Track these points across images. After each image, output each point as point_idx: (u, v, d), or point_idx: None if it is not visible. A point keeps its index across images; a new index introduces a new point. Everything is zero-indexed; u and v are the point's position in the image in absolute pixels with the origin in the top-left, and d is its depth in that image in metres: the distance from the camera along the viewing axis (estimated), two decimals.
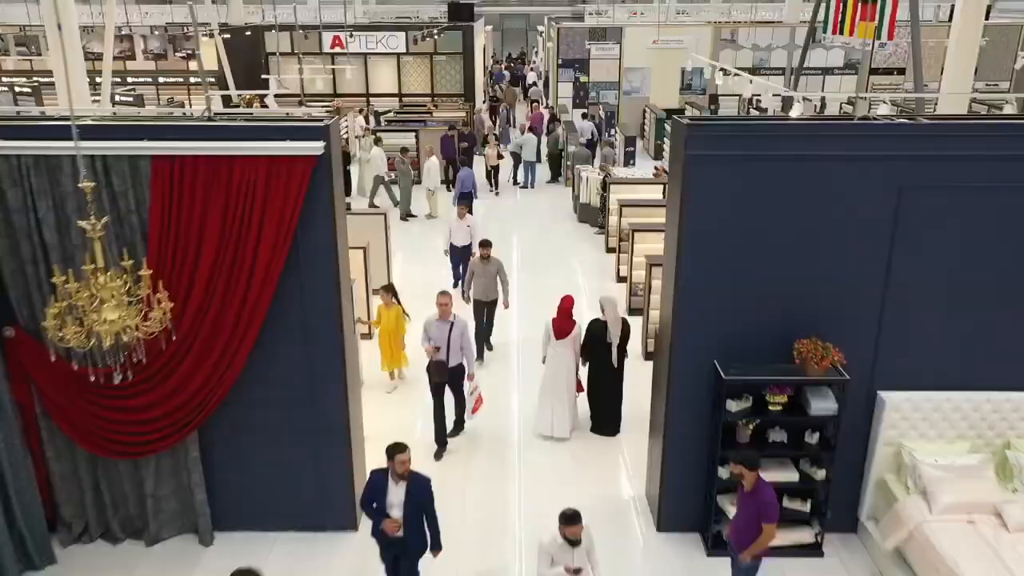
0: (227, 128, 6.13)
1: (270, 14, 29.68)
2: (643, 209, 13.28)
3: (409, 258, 14.97)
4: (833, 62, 26.57)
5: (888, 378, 6.65)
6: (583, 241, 16.03)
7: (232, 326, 6.42)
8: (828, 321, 6.49)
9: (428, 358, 8.56)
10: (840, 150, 6.12)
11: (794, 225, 6.32)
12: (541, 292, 13.09)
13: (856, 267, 6.41)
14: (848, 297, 6.49)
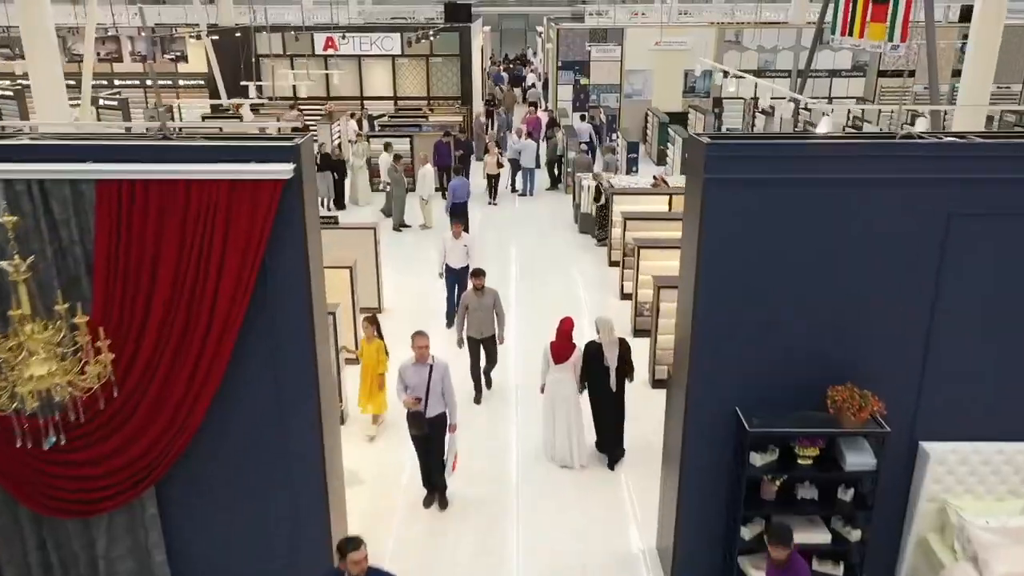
0: (184, 148, 5.38)
1: (261, 15, 28.97)
2: (648, 222, 12.54)
3: (403, 272, 14.21)
4: (841, 64, 25.85)
5: (931, 427, 5.91)
6: (584, 252, 15.29)
7: (192, 370, 5.67)
8: (864, 363, 5.76)
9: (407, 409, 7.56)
10: (881, 173, 5.38)
11: (827, 256, 5.58)
12: (540, 310, 12.39)
13: (897, 304, 5.67)
14: (887, 337, 5.75)
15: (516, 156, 19.21)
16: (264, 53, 25.55)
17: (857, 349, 5.76)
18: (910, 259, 5.57)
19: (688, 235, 5.89)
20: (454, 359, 9.56)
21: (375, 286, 12.04)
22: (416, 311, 12.37)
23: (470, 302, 9.67)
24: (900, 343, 5.76)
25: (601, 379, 8.44)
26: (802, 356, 5.80)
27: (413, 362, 7.48)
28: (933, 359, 5.76)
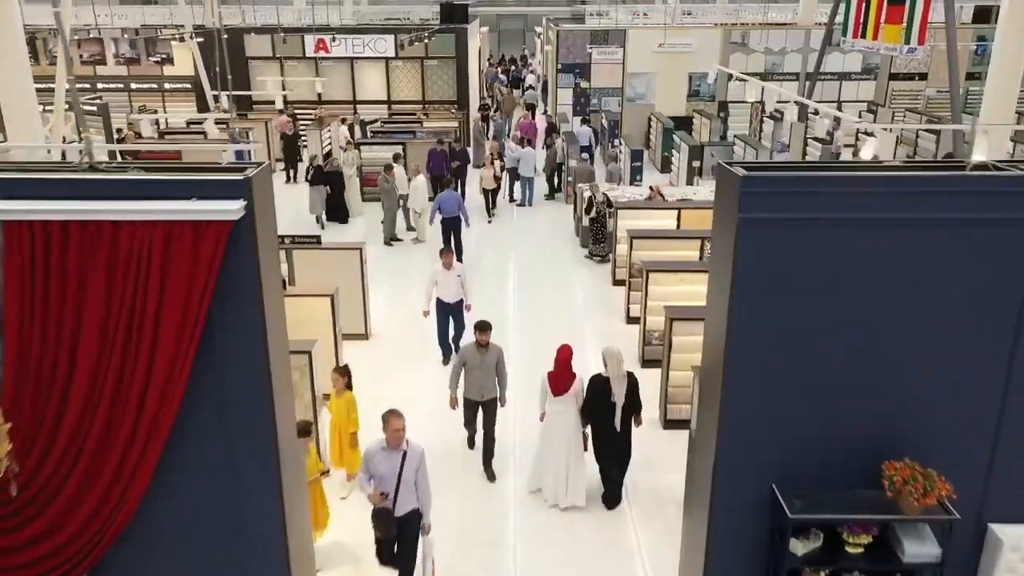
0: (112, 183, 4.47)
1: (251, 15, 28.06)
2: (656, 241, 11.63)
3: (393, 292, 13.30)
4: (851, 67, 24.95)
5: (1003, 507, 5.02)
6: (586, 269, 14.37)
7: (128, 440, 4.77)
8: (925, 434, 4.86)
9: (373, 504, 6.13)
10: (951, 212, 4.47)
11: (883, 309, 4.68)
12: (540, 335, 11.49)
13: (965, 365, 4.77)
14: (953, 403, 4.85)
15: (515, 164, 18.30)
16: (253, 55, 24.64)
17: (917, 417, 4.86)
18: (982, 314, 4.66)
19: (717, 280, 4.99)
20: (443, 418, 8.80)
21: (361, 310, 11.13)
22: (406, 337, 11.46)
23: (470, 359, 8.15)
24: (968, 410, 4.86)
25: (606, 416, 7.64)
26: (851, 424, 4.90)
27: (383, 446, 6.05)
28: (1007, 431, 4.86)
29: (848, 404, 4.88)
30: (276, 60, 24.70)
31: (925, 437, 4.84)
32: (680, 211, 12.93)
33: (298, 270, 10.92)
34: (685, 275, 10.07)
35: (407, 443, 6.03)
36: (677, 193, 15.23)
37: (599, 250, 14.55)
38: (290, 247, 10.89)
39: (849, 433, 4.90)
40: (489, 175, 16.51)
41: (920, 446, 4.81)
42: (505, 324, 11.91)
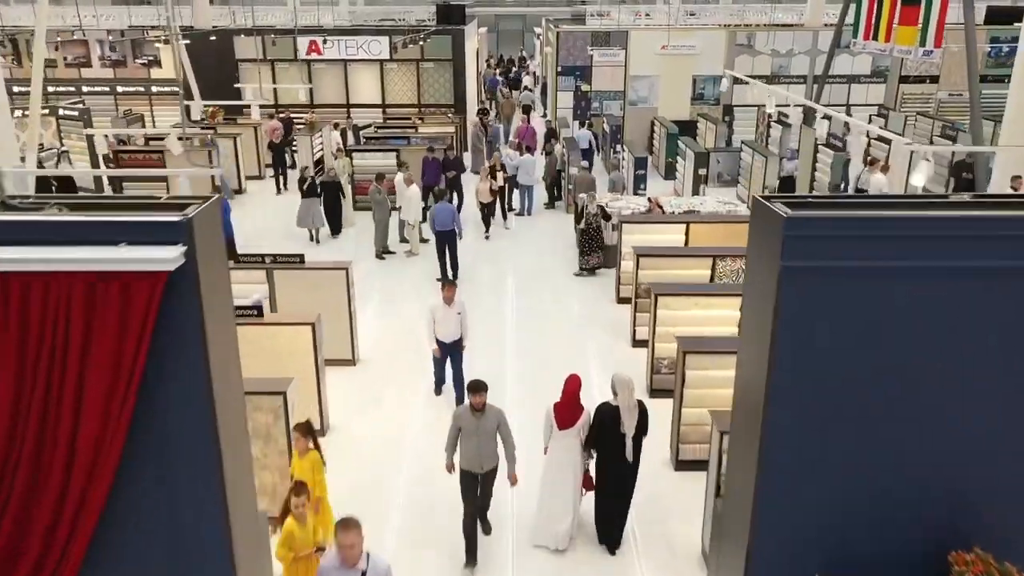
0: (21, 225, 3.71)
1: (241, 17, 27.29)
2: (664, 259, 10.86)
3: (384, 310, 12.55)
4: (860, 69, 24.19)
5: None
6: (588, 286, 13.59)
7: (51, 521, 4.03)
8: (998, 520, 4.09)
9: None
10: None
11: (951, 374, 3.92)
12: (541, 360, 10.73)
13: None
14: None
15: (513, 172, 17.54)
16: (243, 58, 23.87)
17: (989, 500, 4.09)
18: None
19: (752, 331, 4.23)
20: (432, 455, 7.99)
21: (348, 334, 10.36)
22: (396, 362, 10.70)
23: (465, 425, 6.89)
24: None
25: (615, 449, 7.00)
26: (908, 507, 4.14)
27: (337, 565, 4.81)
28: None
29: (906, 483, 4.11)
30: (267, 63, 23.91)
31: (998, 525, 4.07)
32: (688, 225, 12.16)
33: (280, 292, 10.15)
34: (698, 299, 9.30)
35: (368, 559, 4.81)
36: (684, 204, 14.46)
37: (586, 263, 13.81)
38: (271, 267, 10.12)
39: (906, 517, 4.14)
40: (485, 188, 15.41)
41: (992, 535, 4.05)
42: (504, 348, 11.16)
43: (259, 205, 18.91)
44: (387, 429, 9.09)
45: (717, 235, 12.12)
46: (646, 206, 13.95)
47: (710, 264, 10.65)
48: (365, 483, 8.08)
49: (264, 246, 15.26)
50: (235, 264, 10.16)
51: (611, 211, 13.94)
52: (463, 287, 13.37)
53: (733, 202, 14.60)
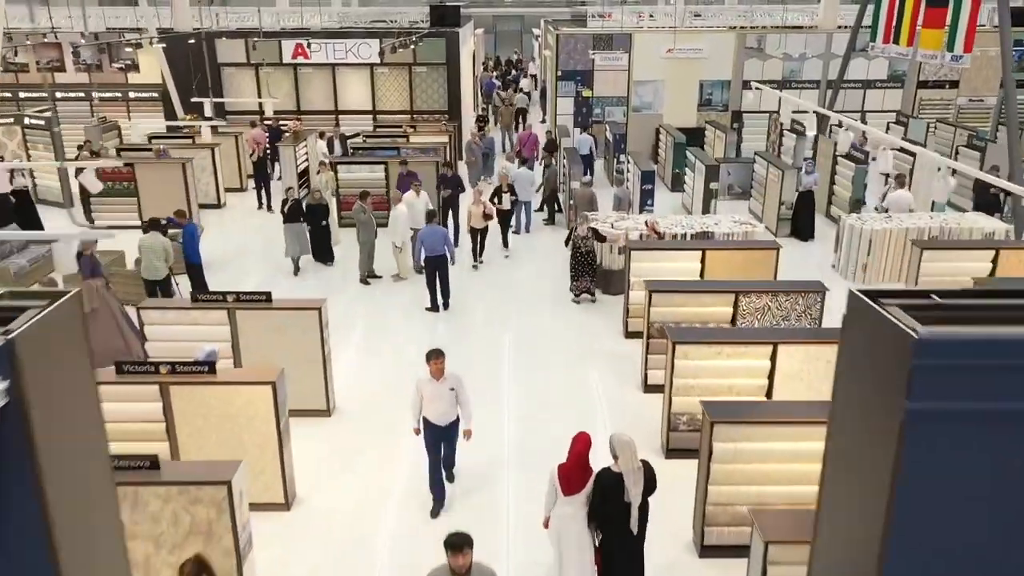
0: None
1: (225, 18, 26.05)
2: (679, 295, 9.62)
3: (365, 346, 11.32)
4: (875, 74, 22.98)
5: None
6: (592, 316, 12.35)
7: None
8: None
9: None
10: None
11: None
12: (541, 403, 9.51)
13: None
14: None
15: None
16: (226, 62, 22.63)
17: None
18: None
19: (848, 490, 2.97)
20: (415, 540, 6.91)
21: (322, 381, 9.12)
22: (377, 412, 9.46)
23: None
24: None
25: (619, 522, 6.00)
26: None
27: None
28: None
29: None
30: (251, 67, 22.68)
31: None
32: (704, 252, 10.93)
33: (244, 335, 8.92)
34: (722, 347, 8.06)
35: None
36: (695, 224, 13.22)
37: (576, 288, 12.62)
38: (233, 307, 8.88)
39: None
40: (477, 212, 13.78)
41: None
42: (499, 394, 9.92)
43: (238, 221, 17.65)
44: (364, 498, 7.85)
45: (736, 263, 10.91)
46: (643, 231, 12.57)
47: (732, 301, 9.43)
48: (333, 571, 6.86)
49: (238, 272, 14.12)
50: (193, 304, 8.92)
51: (617, 232, 12.71)
52: (453, 319, 12.19)
53: (750, 222, 13.37)
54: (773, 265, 10.97)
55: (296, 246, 13.78)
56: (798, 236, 15.90)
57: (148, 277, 11.52)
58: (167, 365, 7.14)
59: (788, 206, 15.89)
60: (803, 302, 9.38)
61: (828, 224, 16.60)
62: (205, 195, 18.10)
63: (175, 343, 8.88)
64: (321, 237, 14.13)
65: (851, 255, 13.59)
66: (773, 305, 9.39)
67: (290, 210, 13.77)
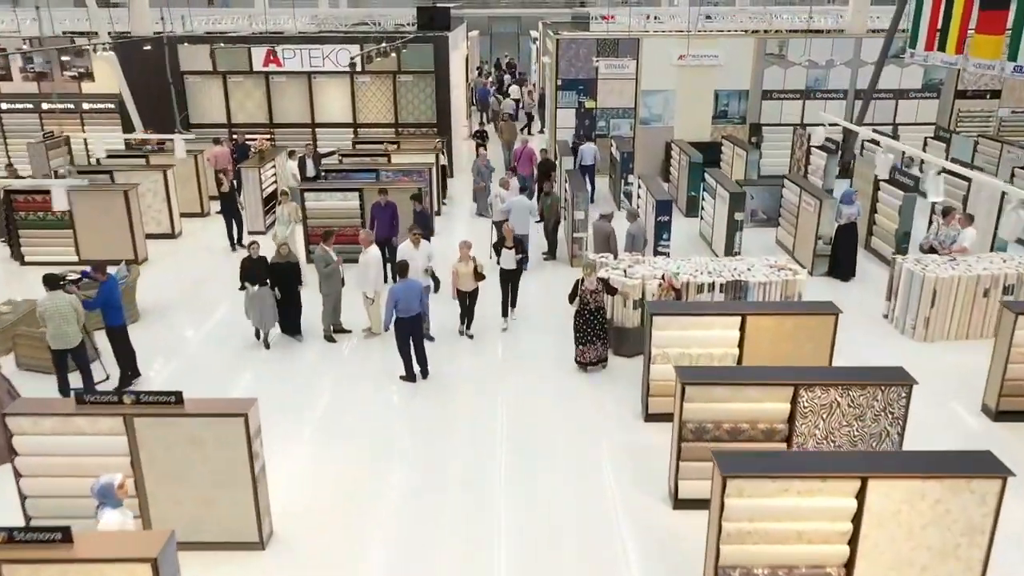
0: None
1: (192, 22, 23.81)
2: (719, 387, 7.39)
3: (320, 438, 9.09)
4: (909, 83, 20.79)
5: None
6: (602, 388, 10.13)
7: None
8: None
9: None
10: None
11: None
12: (542, 516, 7.30)
13: None
14: None
15: (504, 217, 14.12)
16: (189, 70, 20.39)
17: None
18: None
19: None
20: None
21: (252, 507, 6.91)
22: (327, 543, 7.24)
23: None
24: None
25: None
26: None
27: None
28: None
29: None
30: (217, 75, 20.43)
31: None
32: (745, 319, 8.73)
33: (147, 449, 6.70)
34: (790, 482, 5.86)
35: None
36: (724, 270, 11.03)
37: (581, 355, 10.46)
38: (131, 412, 6.66)
39: None
40: (467, 272, 10.92)
41: None
42: (491, 506, 7.70)
43: (194, 255, 15.36)
44: None
45: (784, 333, 8.73)
46: (660, 283, 10.35)
47: (789, 396, 7.23)
48: None
49: (181, 324, 11.86)
50: (77, 408, 6.70)
51: (633, 282, 10.53)
52: (433, 393, 9.95)
53: (789, 266, 11.18)
54: (831, 336, 8.77)
55: (257, 314, 10.97)
56: (837, 275, 13.72)
57: (57, 347, 9.30)
58: None
59: (826, 240, 13.71)
60: (882, 397, 7.18)
61: (867, 258, 14.43)
62: (157, 223, 15.90)
63: (53, 458, 6.68)
64: (290, 305, 11.19)
65: (909, 306, 11.40)
66: (843, 401, 7.20)
67: (249, 268, 11.01)
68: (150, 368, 10.54)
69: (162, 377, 10.37)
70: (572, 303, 10.49)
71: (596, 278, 10.36)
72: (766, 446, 7.35)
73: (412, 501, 7.84)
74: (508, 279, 11.74)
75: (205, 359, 10.92)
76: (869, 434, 7.30)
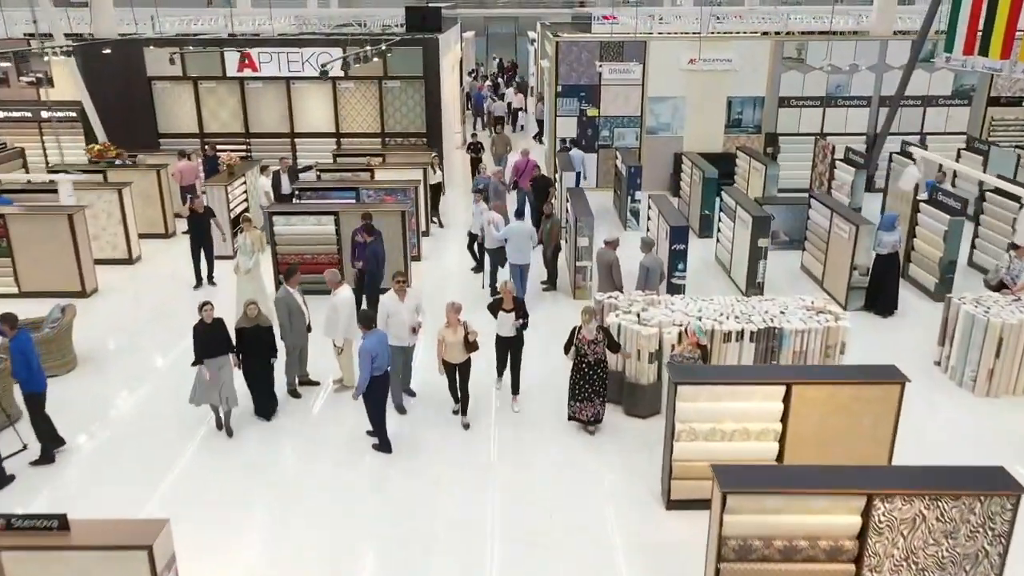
0: None
1: (164, 23, 22.18)
2: (768, 496, 5.77)
3: (273, 536, 7.47)
4: (938, 89, 19.20)
5: None
6: (614, 461, 8.51)
7: None
8: None
9: None
10: None
11: None
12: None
13: None
14: None
15: (501, 245, 12.55)
16: (157, 75, 18.75)
17: None
18: None
19: None
20: None
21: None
22: None
23: None
24: None
25: None
26: None
27: None
28: None
29: None
30: (187, 80, 18.80)
31: None
32: (790, 388, 7.12)
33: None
34: None
35: None
36: (755, 315, 9.43)
37: (577, 412, 8.88)
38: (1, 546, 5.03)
39: None
40: (455, 340, 8.65)
41: None
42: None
43: (149, 285, 13.69)
44: None
45: (838, 404, 7.13)
46: (690, 345, 8.59)
47: (861, 507, 5.62)
48: None
49: (126, 374, 10.02)
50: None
51: (650, 331, 8.91)
52: (411, 467, 8.25)
53: (829, 308, 9.58)
54: (895, 409, 7.17)
55: (214, 393, 8.59)
56: (875, 310, 12.13)
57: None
58: None
59: (862, 272, 12.11)
60: (981, 511, 5.58)
61: (904, 287, 12.83)
62: (113, 247, 14.28)
63: None
64: (263, 382, 9.09)
65: (969, 354, 9.80)
66: (930, 514, 5.59)
67: (207, 341, 8.53)
68: (80, 433, 8.90)
69: (91, 447, 8.73)
70: (568, 354, 8.87)
71: (596, 326, 8.74)
72: (829, 568, 5.75)
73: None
74: (506, 348, 9.41)
75: (148, 421, 9.26)
76: (963, 555, 5.70)
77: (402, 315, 8.82)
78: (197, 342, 8.54)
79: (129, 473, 8.22)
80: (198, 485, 8.03)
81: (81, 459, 8.49)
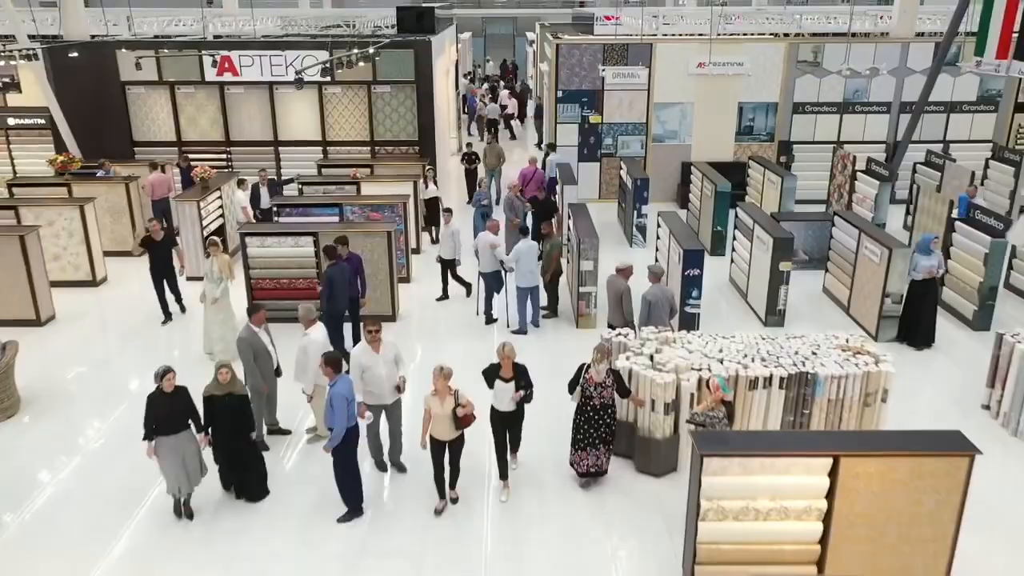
0: None
1: (140, 24, 21.03)
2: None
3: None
4: (962, 94, 18.09)
5: None
6: (628, 532, 7.38)
7: None
8: None
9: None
10: None
11: None
12: None
13: None
14: None
15: (512, 267, 11.42)
16: (131, 80, 17.59)
17: None
18: None
19: None
20: None
21: None
22: None
23: None
24: None
25: None
26: None
27: None
28: None
29: None
30: (164, 85, 17.65)
31: None
32: (838, 461, 5.97)
33: None
34: None
35: None
36: (784, 359, 8.29)
37: (579, 462, 7.78)
38: None
39: None
40: (443, 414, 7.06)
41: None
42: None
43: (113, 310, 12.52)
44: None
45: (895, 479, 5.99)
46: (708, 397, 7.36)
47: None
48: None
49: (77, 418, 8.74)
50: None
51: (665, 378, 7.77)
52: (386, 533, 7.12)
53: (867, 348, 8.44)
54: (962, 486, 6.02)
55: (182, 474, 7.18)
56: (909, 342, 11.00)
57: None
58: None
59: (895, 299, 10.98)
60: None
61: (939, 313, 11.66)
62: (75, 268, 13.14)
63: None
64: (251, 459, 7.63)
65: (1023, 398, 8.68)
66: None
67: (165, 414, 7.03)
68: (7, 506, 7.69)
69: (18, 524, 7.50)
70: (572, 395, 7.73)
71: (607, 368, 7.61)
72: None
73: None
74: (504, 426, 7.72)
75: (90, 487, 8.00)
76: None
77: (378, 369, 7.59)
78: (151, 416, 6.99)
79: (62, 551, 7.06)
80: (141, 569, 6.87)
81: (4, 539, 7.33)
